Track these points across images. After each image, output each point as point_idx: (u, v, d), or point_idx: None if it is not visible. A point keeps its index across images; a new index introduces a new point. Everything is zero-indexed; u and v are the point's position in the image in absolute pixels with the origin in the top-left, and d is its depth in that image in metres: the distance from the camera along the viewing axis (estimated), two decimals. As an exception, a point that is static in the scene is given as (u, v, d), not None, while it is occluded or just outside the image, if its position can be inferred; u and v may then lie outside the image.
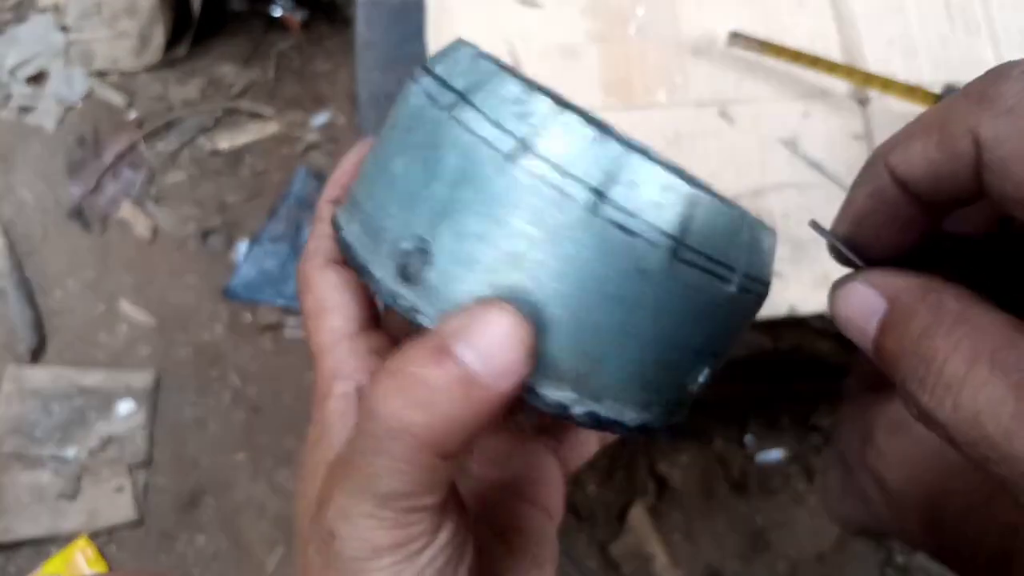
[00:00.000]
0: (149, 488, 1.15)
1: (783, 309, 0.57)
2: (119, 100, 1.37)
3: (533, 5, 0.64)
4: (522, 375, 0.20)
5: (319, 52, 1.41)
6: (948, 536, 0.49)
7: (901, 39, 0.63)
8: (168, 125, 1.36)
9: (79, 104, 1.37)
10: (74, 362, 1.21)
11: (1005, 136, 0.18)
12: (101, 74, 1.39)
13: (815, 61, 0.60)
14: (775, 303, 0.57)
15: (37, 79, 1.39)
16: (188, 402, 1.19)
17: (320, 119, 1.37)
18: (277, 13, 1.39)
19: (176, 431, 1.18)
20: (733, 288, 0.23)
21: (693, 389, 0.25)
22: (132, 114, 1.37)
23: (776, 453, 1.06)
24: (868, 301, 0.20)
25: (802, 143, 0.61)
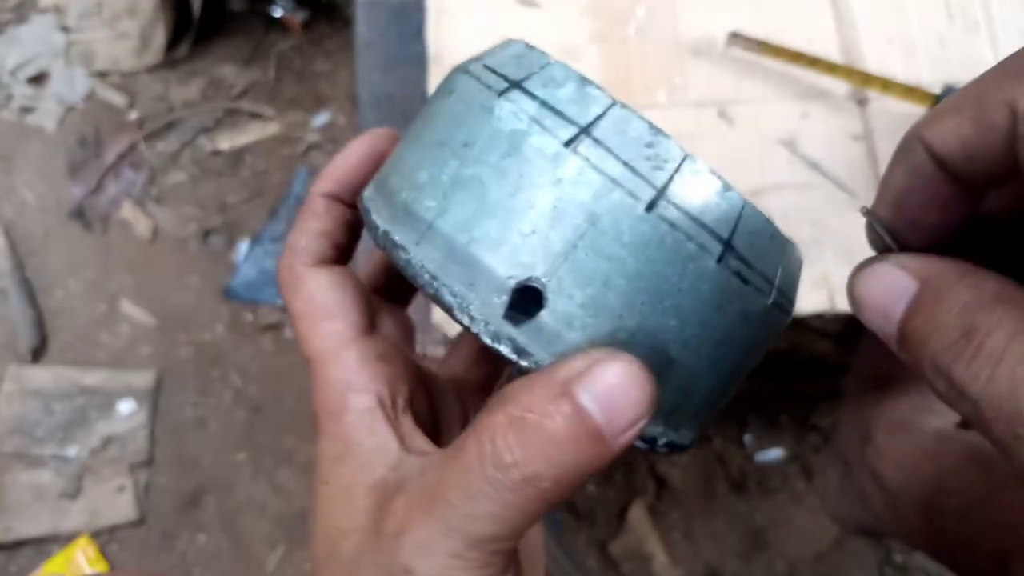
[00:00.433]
0: (150, 487, 1.15)
1: (782, 309, 0.57)
2: (120, 100, 1.37)
3: (533, 5, 0.65)
4: (643, 427, 0.20)
5: (319, 52, 1.41)
6: (946, 535, 0.49)
7: (900, 39, 0.63)
8: (169, 125, 1.36)
9: (80, 104, 1.37)
10: (75, 362, 1.22)
11: None
12: (102, 75, 1.39)
13: (814, 61, 0.60)
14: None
15: (38, 79, 1.39)
16: (189, 402, 1.20)
17: (320, 119, 1.37)
18: (277, 14, 1.40)
19: (177, 431, 1.18)
20: (783, 316, 0.24)
21: None
22: (133, 114, 1.37)
23: (775, 452, 1.06)
24: (897, 283, 0.20)
25: (801, 143, 0.61)
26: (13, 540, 1.12)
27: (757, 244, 0.22)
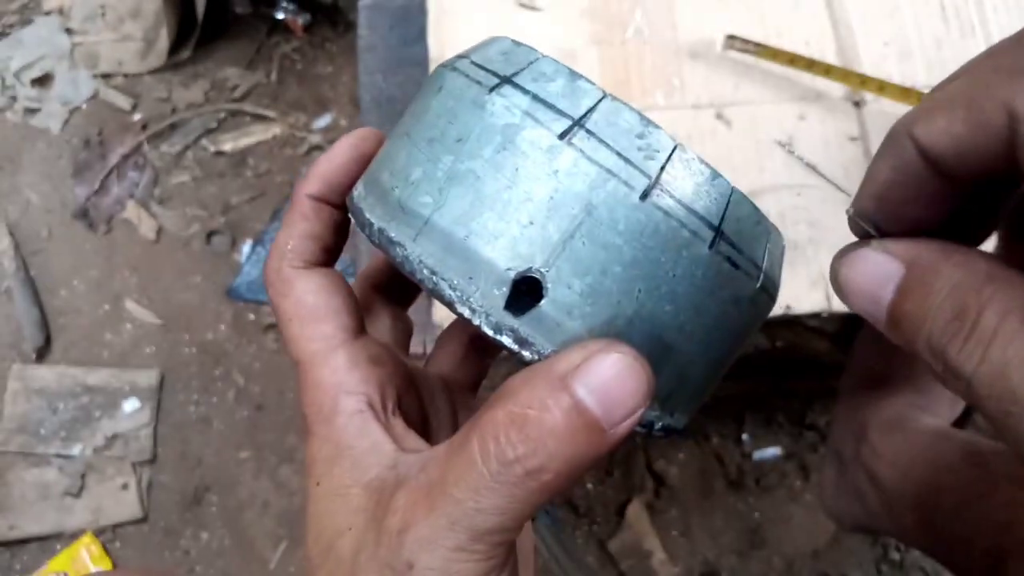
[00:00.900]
0: (154, 485, 1.16)
1: (779, 309, 0.58)
2: (124, 102, 1.38)
3: (533, 8, 0.65)
4: (641, 416, 0.20)
5: (321, 55, 1.42)
6: (942, 532, 0.49)
7: (896, 42, 0.64)
8: (172, 127, 1.37)
9: (84, 106, 1.38)
10: (79, 361, 1.22)
11: None
12: (106, 76, 1.40)
13: (811, 64, 0.61)
14: (770, 302, 0.57)
15: (42, 81, 1.40)
16: (192, 400, 1.20)
17: (323, 121, 1.37)
18: (280, 16, 1.40)
19: (180, 429, 1.18)
20: (769, 300, 0.25)
21: None
22: (137, 116, 1.38)
23: (772, 451, 1.07)
24: (883, 267, 0.20)
25: (798, 145, 0.61)
26: (17, 538, 1.12)
27: (745, 230, 0.22)
